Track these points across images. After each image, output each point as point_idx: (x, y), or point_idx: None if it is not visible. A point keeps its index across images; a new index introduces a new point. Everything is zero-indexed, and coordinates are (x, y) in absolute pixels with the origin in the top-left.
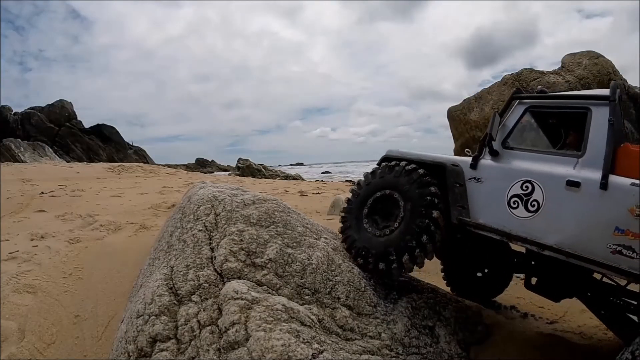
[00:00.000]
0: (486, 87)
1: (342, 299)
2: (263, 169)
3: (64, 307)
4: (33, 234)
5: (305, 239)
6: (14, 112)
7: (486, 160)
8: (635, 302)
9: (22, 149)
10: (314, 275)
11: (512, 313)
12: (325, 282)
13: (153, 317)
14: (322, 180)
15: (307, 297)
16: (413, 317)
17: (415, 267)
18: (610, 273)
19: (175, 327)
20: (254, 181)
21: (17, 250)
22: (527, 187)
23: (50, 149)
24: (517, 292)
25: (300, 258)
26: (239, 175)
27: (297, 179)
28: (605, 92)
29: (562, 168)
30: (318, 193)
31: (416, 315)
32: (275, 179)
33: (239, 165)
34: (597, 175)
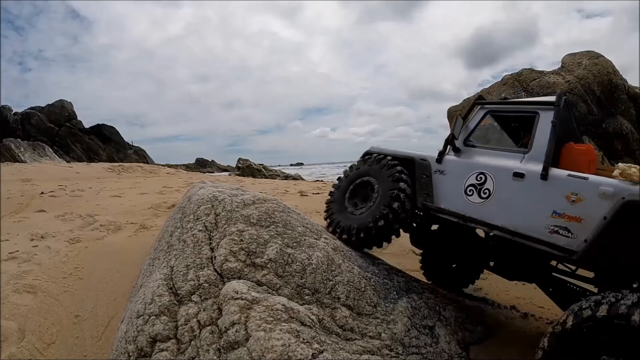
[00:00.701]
0: (486, 87)
1: (342, 299)
2: (263, 169)
3: (64, 307)
4: (33, 234)
5: (305, 239)
6: (14, 112)
7: (449, 156)
8: (594, 289)
9: (22, 149)
10: (314, 275)
11: (512, 313)
12: (325, 282)
13: (153, 317)
14: (322, 180)
15: (307, 297)
16: (413, 317)
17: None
18: (549, 249)
19: (175, 327)
20: (254, 181)
21: (17, 250)
22: (481, 178)
23: (50, 149)
24: (517, 292)
25: (300, 258)
26: (239, 175)
27: (297, 179)
28: (552, 98)
29: (510, 162)
30: (318, 193)
31: (416, 315)
32: (275, 179)
33: (239, 165)
34: (539, 168)
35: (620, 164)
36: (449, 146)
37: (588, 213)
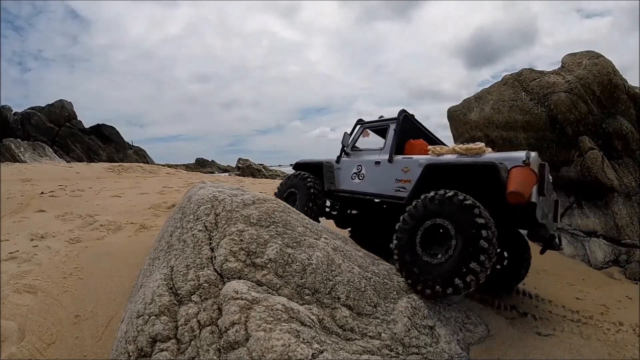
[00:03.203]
0: (486, 87)
1: (342, 299)
2: (263, 169)
3: (64, 307)
4: (33, 234)
5: (305, 239)
6: (14, 112)
7: (344, 158)
8: None
9: (22, 149)
10: (314, 275)
11: (512, 313)
12: (325, 282)
13: (153, 317)
14: None
15: (307, 297)
16: (413, 317)
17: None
18: (396, 201)
19: (175, 327)
20: (254, 181)
21: (17, 250)
22: (359, 167)
23: (50, 149)
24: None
25: (300, 258)
26: (239, 175)
27: None
28: (395, 116)
29: (373, 156)
30: None
31: (416, 315)
32: (275, 178)
33: (239, 165)
34: (387, 157)
35: (429, 146)
36: (343, 152)
37: (413, 176)
